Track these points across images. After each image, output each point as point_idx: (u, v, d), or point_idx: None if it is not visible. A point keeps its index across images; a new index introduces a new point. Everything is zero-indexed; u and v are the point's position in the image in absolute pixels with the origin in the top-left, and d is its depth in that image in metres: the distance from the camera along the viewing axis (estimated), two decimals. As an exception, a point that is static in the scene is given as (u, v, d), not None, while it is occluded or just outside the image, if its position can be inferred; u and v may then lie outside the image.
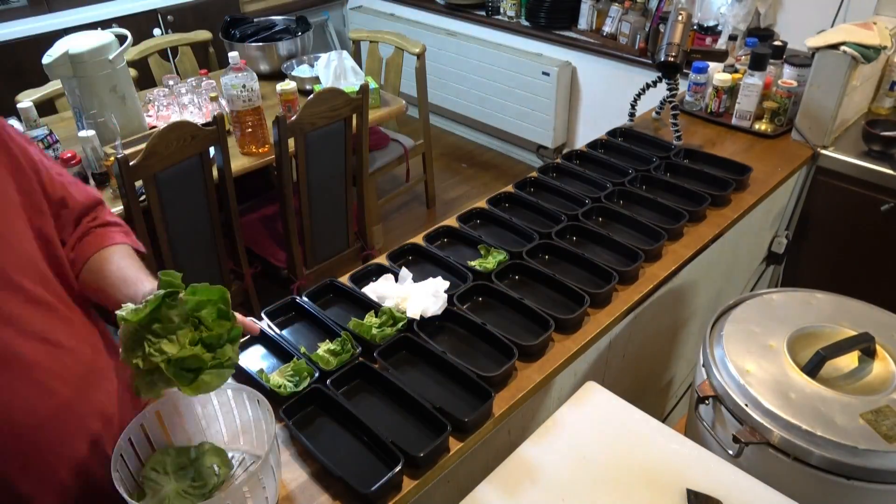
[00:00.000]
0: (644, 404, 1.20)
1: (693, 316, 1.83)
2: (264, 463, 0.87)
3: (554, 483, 1.04)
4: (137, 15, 3.31)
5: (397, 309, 1.26)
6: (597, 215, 1.60)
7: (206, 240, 2.13)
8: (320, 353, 1.18)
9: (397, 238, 3.25)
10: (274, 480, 0.92)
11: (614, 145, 1.91)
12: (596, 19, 3.20)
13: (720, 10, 2.69)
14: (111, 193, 2.06)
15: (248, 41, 2.88)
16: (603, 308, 1.34)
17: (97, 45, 2.06)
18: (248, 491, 0.88)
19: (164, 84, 2.52)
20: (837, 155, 1.92)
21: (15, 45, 3.00)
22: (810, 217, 2.07)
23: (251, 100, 2.20)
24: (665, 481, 1.03)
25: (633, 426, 1.14)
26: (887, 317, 1.31)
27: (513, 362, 1.15)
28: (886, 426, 1.08)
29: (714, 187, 1.67)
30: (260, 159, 2.28)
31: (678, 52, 1.76)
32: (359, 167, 2.42)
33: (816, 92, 1.88)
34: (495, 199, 1.65)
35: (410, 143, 3.22)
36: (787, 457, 1.11)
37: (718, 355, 1.25)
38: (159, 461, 0.94)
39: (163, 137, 1.82)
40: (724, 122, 2.04)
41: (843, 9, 2.42)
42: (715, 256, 1.70)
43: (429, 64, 3.30)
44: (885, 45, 1.79)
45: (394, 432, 1.05)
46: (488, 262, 1.40)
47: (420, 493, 1.02)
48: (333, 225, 2.43)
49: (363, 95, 2.23)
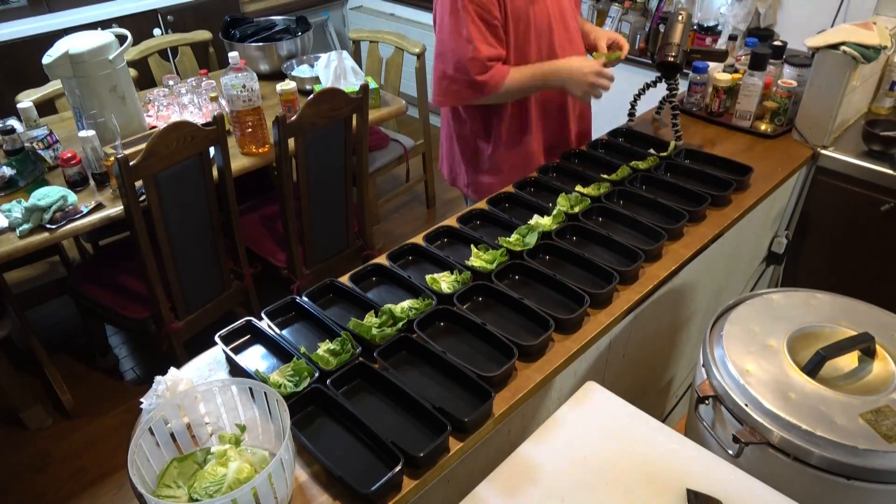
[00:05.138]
0: (644, 404, 1.20)
1: (693, 316, 1.83)
2: (276, 461, 0.87)
3: (554, 483, 1.04)
4: (137, 15, 3.32)
5: None
6: (597, 215, 1.60)
7: (206, 240, 2.13)
8: (320, 353, 1.18)
9: (397, 238, 3.25)
10: (286, 478, 0.92)
11: (615, 145, 1.91)
12: (596, 19, 3.20)
13: (720, 10, 2.69)
14: (111, 193, 2.06)
15: (248, 41, 2.88)
16: (603, 308, 1.34)
17: (97, 45, 2.06)
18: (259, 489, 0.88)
19: (164, 84, 2.52)
20: (837, 155, 1.92)
21: (15, 45, 3.00)
22: (810, 217, 2.07)
23: (251, 100, 2.20)
24: (665, 481, 1.03)
25: (633, 426, 1.14)
26: (887, 317, 1.31)
27: (513, 362, 1.15)
28: (886, 426, 1.08)
29: (714, 187, 1.67)
30: (260, 159, 2.28)
31: (678, 52, 1.76)
32: (359, 167, 2.42)
33: (816, 92, 1.88)
34: (495, 200, 1.65)
35: (410, 143, 3.22)
36: (787, 457, 1.11)
37: (718, 355, 1.25)
38: (169, 475, 0.94)
39: (163, 137, 1.82)
40: (724, 122, 2.04)
41: (843, 9, 2.42)
42: (715, 256, 1.70)
43: (429, 64, 3.30)
44: (885, 45, 1.79)
45: (394, 432, 1.05)
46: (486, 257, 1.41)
47: (420, 493, 1.02)
48: (333, 225, 2.43)
49: (363, 95, 2.23)
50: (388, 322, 1.24)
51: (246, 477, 0.91)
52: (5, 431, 2.36)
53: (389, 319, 1.25)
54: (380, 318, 1.25)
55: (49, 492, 2.15)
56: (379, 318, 1.25)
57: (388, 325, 1.24)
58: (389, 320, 1.25)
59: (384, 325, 1.24)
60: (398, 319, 1.24)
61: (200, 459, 0.98)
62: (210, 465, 0.94)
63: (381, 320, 1.24)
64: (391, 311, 1.25)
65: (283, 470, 0.90)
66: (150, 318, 2.18)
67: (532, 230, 1.48)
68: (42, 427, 2.37)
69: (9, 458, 2.27)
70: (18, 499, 2.14)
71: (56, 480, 2.19)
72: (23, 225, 1.89)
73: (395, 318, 1.25)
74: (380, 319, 1.25)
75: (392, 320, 1.25)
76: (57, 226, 1.92)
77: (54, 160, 2.18)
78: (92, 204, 1.99)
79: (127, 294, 2.25)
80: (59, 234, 1.92)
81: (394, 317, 1.25)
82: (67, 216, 1.94)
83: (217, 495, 0.88)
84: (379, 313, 1.26)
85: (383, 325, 1.23)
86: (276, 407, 0.97)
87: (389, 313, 1.25)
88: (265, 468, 0.87)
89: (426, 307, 1.27)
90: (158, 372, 1.12)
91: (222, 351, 1.22)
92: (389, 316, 1.25)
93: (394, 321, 1.24)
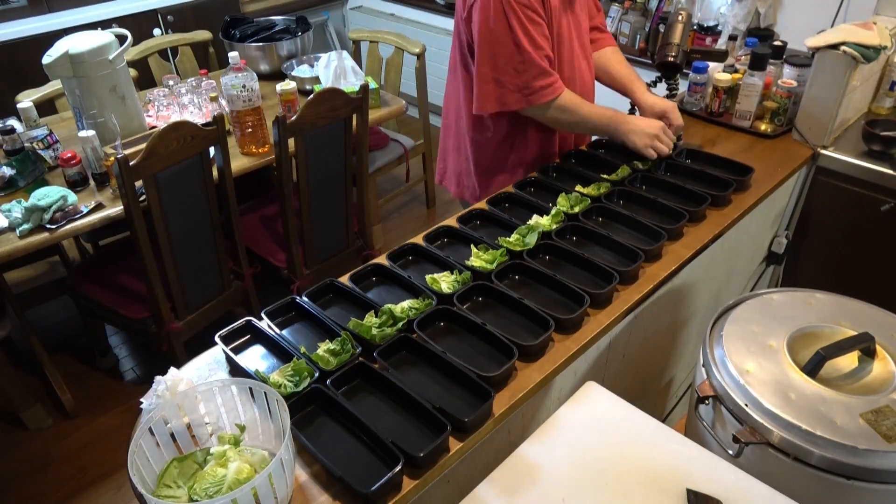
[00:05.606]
0: (644, 404, 1.20)
1: (693, 316, 1.83)
2: (276, 461, 0.87)
3: (554, 483, 1.04)
4: (137, 15, 3.32)
5: None
6: (597, 215, 1.60)
7: (206, 240, 2.13)
8: (320, 353, 1.18)
9: (397, 238, 3.25)
10: (286, 477, 0.92)
11: (615, 145, 1.90)
12: (596, 19, 3.20)
13: (720, 10, 2.69)
14: (111, 193, 2.06)
15: (248, 41, 2.88)
16: (603, 308, 1.34)
17: (97, 45, 2.06)
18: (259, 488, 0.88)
19: (164, 84, 2.52)
20: (837, 155, 1.92)
21: (15, 45, 3.00)
22: (810, 217, 2.07)
23: (251, 100, 2.20)
24: (665, 481, 1.03)
25: (633, 426, 1.14)
26: (887, 317, 1.31)
27: (513, 362, 1.15)
28: (886, 426, 1.08)
29: (714, 187, 1.67)
30: (260, 159, 2.28)
31: (678, 52, 1.76)
32: (359, 167, 2.42)
33: (816, 92, 1.88)
34: (495, 199, 1.65)
35: (410, 143, 3.22)
36: (787, 457, 1.11)
37: (718, 355, 1.25)
38: (169, 475, 0.94)
39: (163, 137, 1.82)
40: (724, 122, 2.04)
41: (843, 9, 2.42)
42: (715, 256, 1.70)
43: (429, 64, 3.30)
44: (885, 45, 1.79)
45: (394, 432, 1.05)
46: (486, 257, 1.40)
47: (420, 493, 1.02)
48: (333, 225, 2.43)
49: (363, 95, 2.23)
50: (388, 322, 1.24)
51: (246, 477, 0.91)
52: (5, 431, 2.36)
53: (389, 319, 1.25)
54: (380, 318, 1.25)
55: (49, 492, 2.15)
56: (379, 318, 1.25)
57: (388, 325, 1.24)
58: (389, 320, 1.24)
59: (384, 325, 1.24)
60: (398, 319, 1.24)
61: (200, 459, 0.98)
62: (210, 465, 0.94)
63: (381, 320, 1.24)
64: (391, 311, 1.25)
65: (283, 470, 0.90)
66: (150, 318, 2.18)
67: (532, 230, 1.48)
68: (42, 427, 2.37)
69: (9, 458, 2.27)
70: (18, 499, 2.14)
71: (56, 480, 2.19)
72: (23, 225, 1.89)
73: (395, 318, 1.25)
74: (380, 319, 1.25)
75: (392, 320, 1.24)
76: (57, 226, 1.92)
77: (54, 160, 2.18)
78: (92, 204, 1.99)
79: (127, 294, 2.25)
80: (59, 234, 1.92)
81: (394, 317, 1.25)
82: (67, 216, 1.94)
83: (217, 496, 0.88)
84: (379, 313, 1.26)
85: (383, 325, 1.23)
86: (276, 407, 0.97)
87: (389, 313, 1.25)
88: (265, 468, 0.87)
89: (426, 307, 1.27)
90: (158, 372, 1.12)
91: (222, 351, 1.22)
92: (389, 316, 1.25)
93: (394, 321, 1.24)
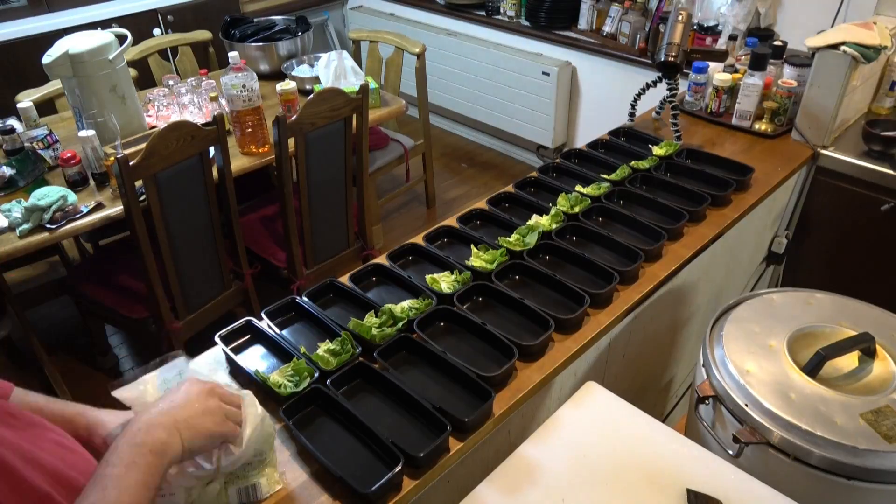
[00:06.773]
0: (644, 404, 1.20)
1: (693, 316, 1.83)
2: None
3: (554, 483, 1.04)
4: (137, 15, 3.32)
5: None
6: (597, 215, 1.60)
7: (206, 240, 2.13)
8: (320, 353, 1.18)
9: (397, 238, 3.25)
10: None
11: (615, 145, 1.91)
12: (596, 19, 3.20)
13: (720, 10, 2.69)
14: (111, 193, 2.06)
15: (248, 41, 2.88)
16: (603, 308, 1.34)
17: (97, 45, 2.06)
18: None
19: (164, 84, 2.52)
20: (837, 155, 1.92)
21: (15, 45, 3.00)
22: (810, 217, 2.07)
23: (251, 100, 2.20)
24: (665, 481, 1.03)
25: (633, 426, 1.14)
26: (887, 317, 1.31)
27: (513, 362, 1.15)
28: (886, 426, 1.08)
29: (714, 187, 1.67)
30: (260, 159, 2.28)
31: (678, 52, 1.76)
32: (359, 167, 2.42)
33: (816, 92, 1.88)
34: (495, 200, 1.65)
35: (410, 143, 3.22)
36: (787, 457, 1.11)
37: (718, 355, 1.25)
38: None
39: (163, 137, 1.82)
40: (724, 122, 2.04)
41: (843, 9, 2.42)
42: (715, 256, 1.70)
43: (429, 64, 3.30)
44: (885, 45, 1.79)
45: (394, 432, 1.05)
46: (486, 257, 1.40)
47: (420, 493, 1.02)
48: (333, 225, 2.43)
49: (363, 95, 2.23)
50: (388, 322, 1.24)
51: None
52: (5, 431, 2.35)
53: (389, 319, 1.25)
54: (380, 318, 1.25)
55: (49, 492, 2.15)
56: (379, 318, 1.25)
57: (388, 325, 1.24)
58: (389, 320, 1.24)
59: (384, 325, 1.24)
60: (398, 319, 1.24)
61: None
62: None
63: (381, 320, 1.24)
64: (391, 311, 1.25)
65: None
66: (150, 318, 2.17)
67: (532, 230, 1.47)
68: (42, 427, 2.36)
69: (9, 458, 2.26)
70: (18, 499, 2.13)
71: (56, 480, 2.19)
72: (23, 225, 1.89)
73: (395, 318, 1.25)
74: (380, 319, 1.25)
75: (392, 320, 1.24)
76: (57, 226, 1.91)
77: (54, 160, 2.18)
78: (92, 204, 1.99)
79: (127, 294, 2.24)
80: (59, 234, 1.92)
81: (394, 317, 1.25)
82: (67, 216, 1.94)
83: None
84: (379, 313, 1.26)
85: (383, 325, 1.23)
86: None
87: (389, 313, 1.25)
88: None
89: (426, 307, 1.27)
90: (158, 372, 1.11)
91: (222, 351, 1.22)
92: (389, 316, 1.25)
93: (394, 321, 1.24)
